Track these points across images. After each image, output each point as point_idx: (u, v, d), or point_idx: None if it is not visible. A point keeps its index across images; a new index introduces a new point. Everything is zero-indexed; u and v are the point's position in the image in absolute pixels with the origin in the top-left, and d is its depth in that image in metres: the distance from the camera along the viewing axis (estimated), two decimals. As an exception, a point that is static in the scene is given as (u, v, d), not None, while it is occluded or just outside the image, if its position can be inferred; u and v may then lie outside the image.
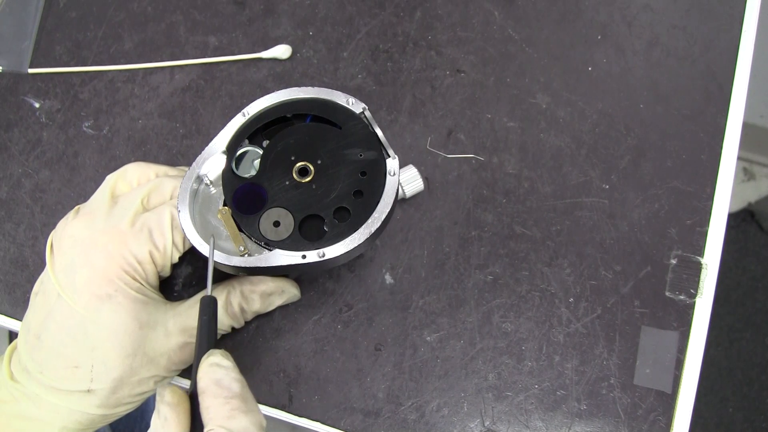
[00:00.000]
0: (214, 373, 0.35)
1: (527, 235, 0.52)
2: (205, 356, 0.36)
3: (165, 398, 0.34)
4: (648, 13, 0.59)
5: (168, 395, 0.34)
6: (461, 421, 0.48)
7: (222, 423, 0.33)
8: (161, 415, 0.34)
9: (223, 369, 0.35)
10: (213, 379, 0.35)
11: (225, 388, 0.34)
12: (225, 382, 0.35)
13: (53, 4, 0.59)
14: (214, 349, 0.37)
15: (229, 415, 0.33)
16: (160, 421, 0.34)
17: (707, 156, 0.54)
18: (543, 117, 0.55)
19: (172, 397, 0.34)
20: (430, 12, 0.59)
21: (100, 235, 0.42)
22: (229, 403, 0.34)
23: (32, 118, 0.56)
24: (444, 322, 0.50)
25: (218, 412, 0.33)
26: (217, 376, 0.35)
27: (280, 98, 0.45)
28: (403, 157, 0.54)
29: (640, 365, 0.49)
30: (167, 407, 0.34)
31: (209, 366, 0.35)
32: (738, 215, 1.44)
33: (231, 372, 0.35)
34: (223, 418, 0.33)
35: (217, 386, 0.34)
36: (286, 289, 0.47)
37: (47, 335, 0.41)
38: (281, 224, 0.42)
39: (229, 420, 0.33)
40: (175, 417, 0.34)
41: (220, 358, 0.36)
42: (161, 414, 0.34)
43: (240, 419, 0.33)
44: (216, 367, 0.35)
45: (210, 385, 0.34)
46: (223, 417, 0.33)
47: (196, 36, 0.58)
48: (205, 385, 0.35)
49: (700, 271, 0.51)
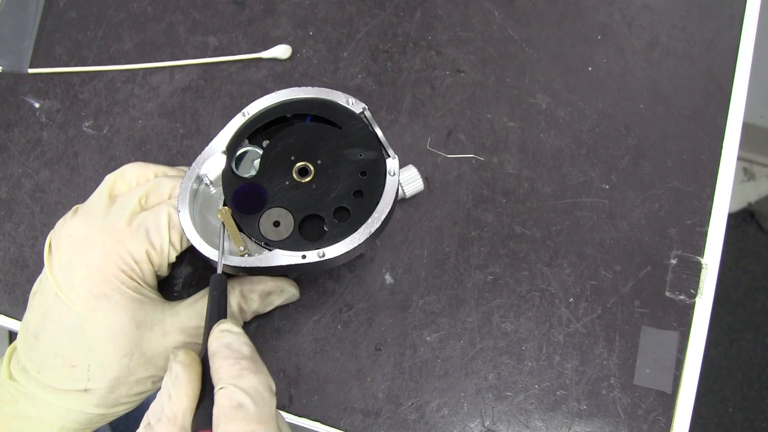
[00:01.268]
0: (224, 338, 0.36)
1: (527, 235, 0.52)
2: (216, 324, 0.37)
3: (178, 357, 0.35)
4: (648, 13, 0.59)
5: (181, 355, 0.35)
6: (461, 421, 0.48)
7: (232, 381, 0.33)
8: (173, 374, 0.34)
9: (233, 334, 0.36)
10: (223, 342, 0.35)
11: (235, 351, 0.35)
12: (235, 345, 0.35)
13: (53, 4, 0.59)
14: (224, 319, 0.38)
15: (239, 375, 0.34)
16: (171, 380, 0.34)
17: (707, 156, 0.54)
18: (543, 117, 0.55)
19: (185, 357, 0.35)
20: (430, 12, 0.59)
21: (97, 234, 0.42)
22: (239, 364, 0.34)
23: (32, 118, 0.56)
24: (444, 322, 0.50)
25: (228, 372, 0.34)
26: (228, 340, 0.35)
27: (280, 98, 0.45)
28: (403, 157, 0.54)
29: (640, 365, 0.49)
30: (179, 366, 0.34)
31: (220, 332, 0.36)
32: (738, 215, 1.44)
33: (240, 337, 0.36)
34: (233, 377, 0.34)
35: (227, 349, 0.35)
36: (285, 289, 0.47)
37: (45, 335, 0.41)
38: (281, 224, 0.42)
39: (239, 379, 0.33)
40: (186, 376, 0.34)
41: (230, 325, 0.37)
42: (173, 373, 0.34)
43: (249, 378, 0.34)
44: (226, 332, 0.36)
45: (220, 348, 0.35)
46: (232, 376, 0.34)
47: (196, 36, 0.58)
48: (216, 348, 0.35)
49: (700, 271, 0.51)
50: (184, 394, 0.34)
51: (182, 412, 0.33)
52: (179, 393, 0.34)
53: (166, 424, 0.33)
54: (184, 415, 0.33)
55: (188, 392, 0.34)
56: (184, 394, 0.34)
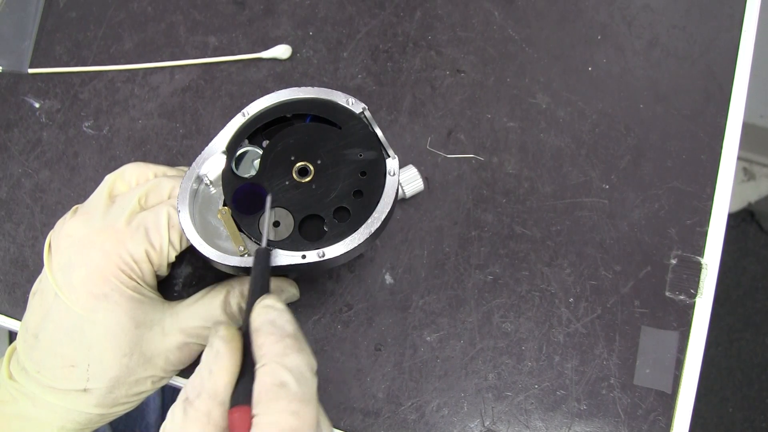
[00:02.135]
0: (267, 314, 0.35)
1: (527, 235, 0.52)
2: (259, 299, 0.36)
3: (219, 332, 0.34)
4: (648, 13, 0.59)
5: (222, 330, 0.34)
6: (461, 421, 0.48)
7: (275, 359, 0.33)
8: (214, 349, 0.34)
9: (277, 311, 0.35)
10: (267, 319, 0.35)
11: (279, 328, 0.34)
12: (279, 322, 0.35)
13: (53, 4, 0.59)
14: (267, 294, 0.37)
15: (283, 353, 0.33)
16: (212, 356, 0.33)
17: (707, 156, 0.54)
18: (543, 117, 0.55)
19: (227, 332, 0.34)
20: (430, 12, 0.59)
21: (96, 234, 0.42)
22: (283, 342, 0.34)
23: (32, 118, 0.56)
24: (444, 322, 0.50)
25: (272, 349, 0.33)
26: (271, 316, 0.35)
27: (280, 98, 0.45)
28: (403, 157, 0.54)
29: (640, 365, 0.49)
30: (220, 341, 0.34)
31: (263, 307, 0.35)
32: (738, 215, 1.44)
33: (284, 314, 0.35)
34: (277, 355, 0.33)
35: (271, 325, 0.34)
36: (285, 289, 0.47)
37: (45, 334, 0.41)
38: (281, 224, 0.42)
39: (283, 357, 0.33)
40: (227, 351, 0.33)
41: (273, 300, 0.36)
42: (214, 347, 0.34)
43: (293, 357, 0.33)
44: (270, 308, 0.35)
45: (264, 324, 0.34)
46: (276, 354, 0.33)
47: (196, 36, 0.58)
48: (260, 324, 0.34)
49: (700, 271, 0.51)
50: (225, 369, 0.33)
51: (223, 387, 0.33)
52: (220, 368, 0.33)
53: (205, 399, 0.32)
54: (224, 390, 0.33)
55: (229, 367, 0.33)
56: (225, 368, 0.33)
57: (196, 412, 0.32)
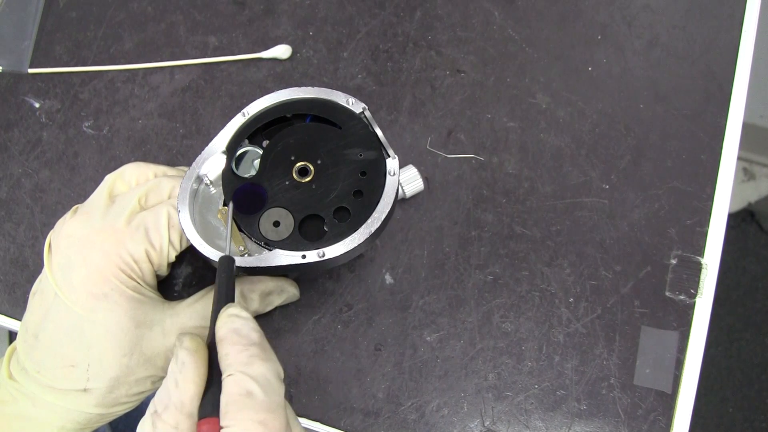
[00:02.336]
0: (232, 323, 0.35)
1: (527, 235, 0.52)
2: (224, 308, 0.36)
3: (184, 344, 0.34)
4: (648, 13, 0.59)
5: (187, 341, 0.34)
6: (461, 421, 0.48)
7: (241, 369, 0.33)
8: (179, 361, 0.34)
9: (242, 319, 0.35)
10: (232, 328, 0.35)
11: (244, 337, 0.34)
12: (244, 331, 0.35)
13: (53, 4, 0.59)
14: (232, 303, 0.37)
15: (248, 362, 0.33)
16: (178, 366, 0.33)
17: (707, 156, 0.54)
18: (543, 117, 0.55)
19: (191, 342, 0.34)
20: (430, 12, 0.59)
21: (96, 234, 0.42)
22: (248, 350, 0.34)
23: (32, 118, 0.56)
24: (444, 322, 0.50)
25: (237, 359, 0.33)
26: (236, 325, 0.35)
27: (280, 98, 0.45)
28: (403, 157, 0.54)
29: (640, 365, 0.49)
30: (185, 352, 0.34)
31: (228, 317, 0.35)
32: (738, 215, 1.44)
33: (249, 322, 0.35)
34: (242, 364, 0.33)
35: (236, 334, 0.34)
36: (285, 289, 0.47)
37: (44, 334, 0.41)
38: (281, 224, 0.42)
39: (248, 366, 0.33)
40: (192, 362, 0.33)
41: (238, 309, 0.36)
42: (179, 359, 0.34)
43: (259, 366, 0.33)
44: (235, 317, 0.35)
45: (229, 333, 0.34)
46: (242, 363, 0.33)
47: (196, 36, 0.58)
48: (224, 333, 0.34)
49: (700, 271, 0.51)
50: (191, 380, 0.33)
51: (189, 398, 0.33)
52: (186, 379, 0.33)
53: (173, 412, 0.32)
54: (191, 402, 0.33)
55: (195, 379, 0.33)
56: (191, 380, 0.33)
57: (165, 425, 0.32)
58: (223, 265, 0.39)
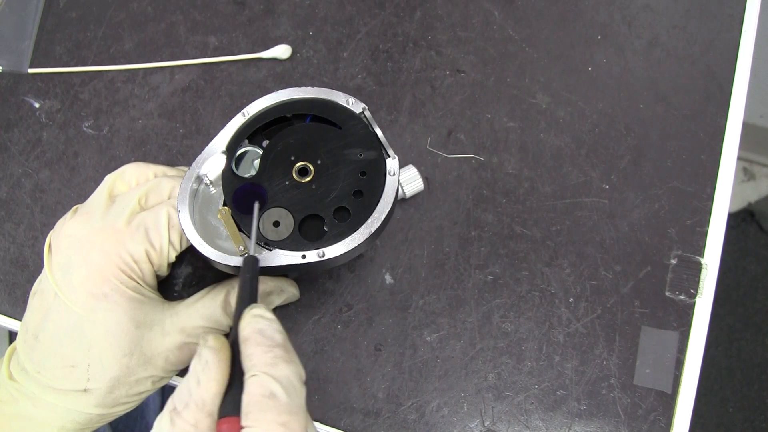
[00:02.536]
0: (257, 323, 0.35)
1: (527, 235, 0.52)
2: (248, 308, 0.36)
3: (208, 342, 0.34)
4: (648, 13, 0.59)
5: (211, 340, 0.34)
6: (461, 421, 0.48)
7: (265, 369, 0.33)
8: (202, 359, 0.33)
9: (267, 320, 0.35)
10: (256, 328, 0.34)
11: (268, 338, 0.34)
12: (268, 332, 0.34)
13: (53, 4, 0.59)
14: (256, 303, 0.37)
15: (272, 363, 0.33)
16: (201, 365, 0.33)
17: (707, 156, 0.54)
18: (543, 117, 0.55)
19: (216, 341, 0.34)
20: (430, 12, 0.59)
21: (96, 234, 0.42)
22: (272, 352, 0.33)
23: (32, 118, 0.56)
24: (444, 322, 0.50)
25: (261, 359, 0.33)
26: (261, 326, 0.35)
27: (280, 98, 0.45)
28: (403, 157, 0.54)
29: (640, 365, 0.49)
30: (209, 351, 0.33)
31: (252, 317, 0.35)
32: (738, 215, 1.44)
33: (274, 324, 0.35)
34: (266, 365, 0.33)
35: (260, 335, 0.34)
36: (285, 289, 0.47)
37: (45, 335, 0.41)
38: (281, 224, 0.42)
39: (272, 367, 0.33)
40: (216, 361, 0.33)
41: (263, 310, 0.36)
42: (202, 358, 0.33)
43: (282, 367, 0.33)
44: (260, 318, 0.35)
45: (253, 333, 0.34)
46: (265, 364, 0.33)
47: (196, 36, 0.58)
48: (249, 333, 0.34)
49: (700, 271, 0.51)
50: (214, 379, 0.33)
51: (211, 397, 0.33)
52: (209, 378, 0.33)
53: (193, 410, 0.32)
54: (213, 401, 0.33)
55: (218, 377, 0.33)
56: (213, 379, 0.33)
57: (184, 423, 0.32)
58: (248, 265, 0.39)
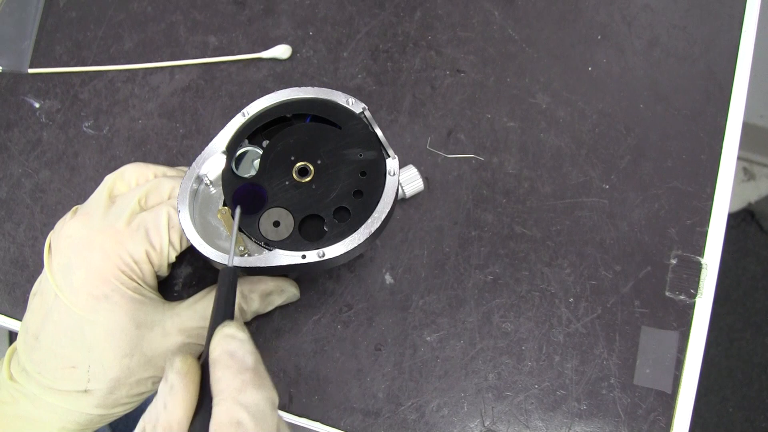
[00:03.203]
0: (227, 344, 0.33)
1: (527, 235, 0.52)
2: (220, 327, 0.34)
3: (174, 365, 0.33)
4: (648, 13, 0.59)
5: (178, 362, 0.33)
6: (461, 421, 0.48)
7: (232, 395, 0.31)
8: (168, 383, 0.32)
9: (238, 341, 0.34)
10: (226, 350, 0.33)
11: (238, 361, 0.33)
12: (239, 354, 0.33)
13: (53, 4, 0.59)
14: (230, 321, 0.35)
15: (240, 389, 0.32)
16: (167, 389, 0.32)
17: (707, 156, 0.54)
18: (543, 117, 0.55)
19: (182, 365, 0.33)
20: (430, 12, 0.59)
21: (96, 235, 0.42)
22: (242, 376, 0.32)
23: (32, 118, 0.56)
24: (444, 322, 0.50)
25: (229, 384, 0.32)
26: (231, 347, 0.33)
27: (280, 98, 0.45)
28: (403, 157, 0.54)
29: (640, 365, 0.49)
30: (176, 375, 0.32)
31: (223, 337, 0.34)
32: (738, 215, 1.44)
33: (246, 345, 0.34)
34: (234, 390, 0.32)
35: (230, 358, 0.33)
36: (286, 289, 0.47)
37: (45, 336, 0.41)
38: (281, 224, 0.42)
39: (240, 393, 0.32)
40: (182, 386, 0.32)
41: (235, 329, 0.34)
42: (168, 381, 0.32)
43: (251, 393, 0.32)
44: (230, 338, 0.34)
45: (223, 355, 0.33)
46: (233, 389, 0.32)
47: (196, 36, 0.58)
48: (218, 355, 0.33)
49: (700, 271, 0.51)
50: (179, 405, 0.32)
51: (177, 422, 0.32)
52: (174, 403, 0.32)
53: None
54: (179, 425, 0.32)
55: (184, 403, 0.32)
56: (179, 405, 0.32)
57: None
58: (225, 278, 0.38)
